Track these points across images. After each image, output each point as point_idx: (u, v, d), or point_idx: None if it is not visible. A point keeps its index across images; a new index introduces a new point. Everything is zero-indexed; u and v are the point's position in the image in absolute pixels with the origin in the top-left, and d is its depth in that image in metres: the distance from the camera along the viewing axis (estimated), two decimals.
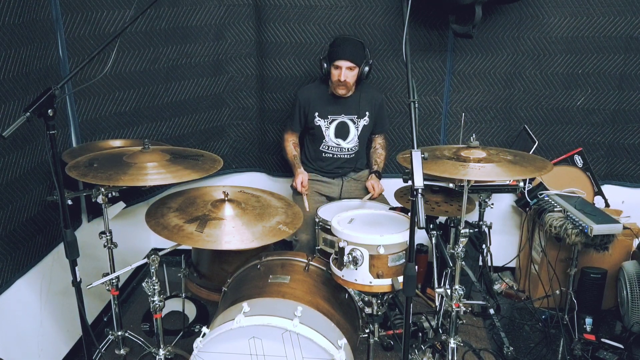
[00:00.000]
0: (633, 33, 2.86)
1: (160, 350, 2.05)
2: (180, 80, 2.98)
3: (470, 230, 2.18)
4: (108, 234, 2.18)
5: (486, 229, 2.72)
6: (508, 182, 2.60)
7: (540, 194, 2.85)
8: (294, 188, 2.76)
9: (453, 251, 2.19)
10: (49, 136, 1.63)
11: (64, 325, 2.45)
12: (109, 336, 2.31)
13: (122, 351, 2.29)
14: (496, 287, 3.14)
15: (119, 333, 2.29)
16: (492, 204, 2.71)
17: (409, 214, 1.64)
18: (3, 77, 1.93)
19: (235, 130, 3.29)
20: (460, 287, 2.16)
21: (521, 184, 2.56)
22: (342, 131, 2.81)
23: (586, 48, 2.92)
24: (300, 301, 1.78)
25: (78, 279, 1.79)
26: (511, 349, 2.58)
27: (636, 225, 2.88)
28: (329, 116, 2.78)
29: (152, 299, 1.95)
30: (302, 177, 2.73)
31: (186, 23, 2.92)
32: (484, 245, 2.78)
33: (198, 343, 1.69)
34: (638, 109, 3.00)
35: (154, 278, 1.93)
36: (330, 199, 2.82)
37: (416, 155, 1.55)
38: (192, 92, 3.06)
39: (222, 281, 2.09)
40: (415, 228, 1.55)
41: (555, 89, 3.02)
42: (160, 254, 1.92)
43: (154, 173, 1.87)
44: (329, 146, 2.82)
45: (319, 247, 2.37)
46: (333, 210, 2.39)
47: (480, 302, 2.83)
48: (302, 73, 3.08)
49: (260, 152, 3.33)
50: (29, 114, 1.53)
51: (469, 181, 2.08)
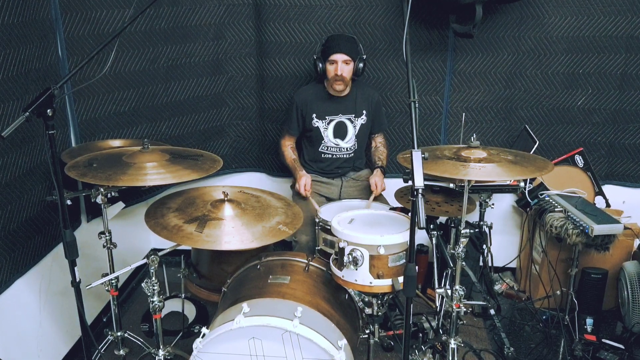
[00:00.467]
0: (634, 33, 2.85)
1: (159, 350, 2.04)
2: (180, 80, 2.98)
3: (471, 231, 2.17)
4: (107, 234, 2.18)
5: (487, 229, 2.72)
6: (509, 182, 2.60)
7: (541, 194, 2.84)
8: (295, 190, 2.75)
9: (453, 251, 2.19)
10: (48, 136, 1.63)
11: (63, 326, 2.45)
12: (109, 336, 2.30)
13: (122, 352, 2.28)
14: (497, 288, 3.14)
15: (119, 333, 2.28)
16: (493, 204, 2.71)
17: (409, 214, 1.64)
18: (2, 77, 1.93)
19: (235, 130, 3.28)
20: (460, 288, 2.15)
21: (522, 184, 2.54)
22: (341, 131, 2.80)
23: (587, 48, 2.91)
24: (300, 302, 1.78)
25: (77, 279, 1.79)
26: (512, 349, 2.58)
27: (637, 225, 2.87)
28: (327, 117, 2.77)
29: (152, 300, 1.94)
30: (306, 180, 2.71)
31: (186, 22, 2.91)
32: (484, 246, 2.78)
33: (198, 344, 1.68)
34: (639, 109, 2.99)
35: (154, 278, 1.92)
36: (329, 200, 2.82)
37: (416, 155, 1.55)
38: (192, 92, 3.05)
39: (222, 281, 2.09)
40: (416, 228, 1.55)
41: (556, 89, 3.01)
42: (160, 254, 1.92)
43: (153, 173, 1.87)
44: (328, 147, 2.82)
45: (319, 248, 2.36)
46: (333, 211, 2.39)
47: (480, 303, 2.83)
48: (302, 73, 3.08)
49: (260, 152, 3.33)
50: (28, 113, 1.53)
51: (469, 181, 2.08)
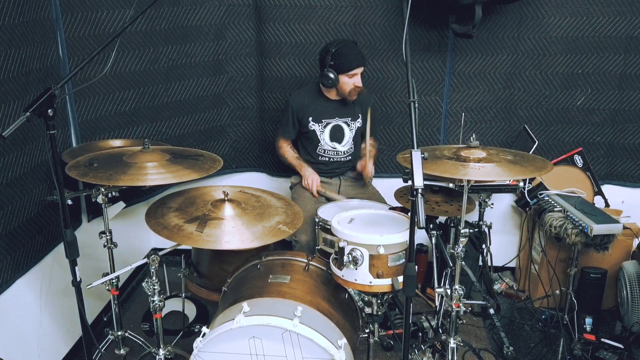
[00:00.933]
0: (633, 33, 2.86)
1: (160, 350, 2.05)
2: (180, 80, 2.98)
3: (470, 230, 2.17)
4: (108, 234, 2.18)
5: (486, 229, 2.72)
6: (508, 182, 2.60)
7: (540, 194, 2.85)
8: (298, 188, 2.75)
9: (453, 251, 2.19)
10: (48, 136, 1.63)
11: (63, 325, 2.45)
12: (109, 336, 2.30)
13: (122, 351, 2.28)
14: (496, 287, 3.14)
15: (119, 333, 2.28)
16: (492, 204, 2.71)
17: (409, 213, 1.64)
18: (3, 77, 1.93)
19: (235, 130, 3.28)
20: (460, 287, 2.15)
21: (521, 184, 2.56)
22: (337, 135, 2.79)
23: (586, 48, 2.92)
24: (300, 301, 1.78)
25: (78, 279, 1.79)
26: (511, 348, 2.58)
27: (636, 225, 2.88)
28: (324, 120, 2.76)
29: (152, 299, 1.95)
30: (313, 178, 2.72)
31: (186, 23, 2.92)
32: (484, 245, 2.78)
33: (198, 343, 1.69)
34: (638, 109, 2.99)
35: (154, 278, 1.93)
36: (328, 199, 2.81)
37: (416, 155, 1.55)
38: (192, 92, 3.05)
39: (222, 281, 2.09)
40: (415, 228, 1.55)
41: (555, 89, 3.02)
42: (160, 253, 1.92)
43: (153, 173, 1.87)
44: (324, 150, 2.81)
45: (319, 247, 2.36)
46: (333, 210, 2.39)
47: (480, 302, 2.83)
48: (302, 73, 3.08)
49: (260, 152, 3.33)
50: (28, 113, 1.53)
51: (469, 181, 2.08)
